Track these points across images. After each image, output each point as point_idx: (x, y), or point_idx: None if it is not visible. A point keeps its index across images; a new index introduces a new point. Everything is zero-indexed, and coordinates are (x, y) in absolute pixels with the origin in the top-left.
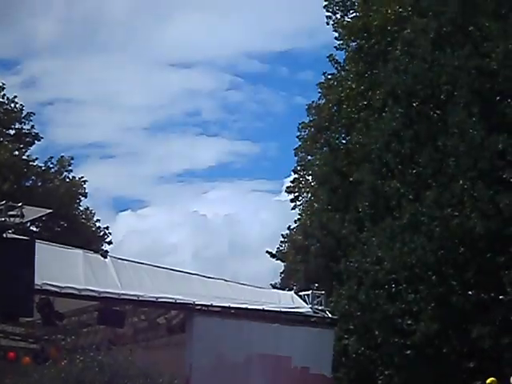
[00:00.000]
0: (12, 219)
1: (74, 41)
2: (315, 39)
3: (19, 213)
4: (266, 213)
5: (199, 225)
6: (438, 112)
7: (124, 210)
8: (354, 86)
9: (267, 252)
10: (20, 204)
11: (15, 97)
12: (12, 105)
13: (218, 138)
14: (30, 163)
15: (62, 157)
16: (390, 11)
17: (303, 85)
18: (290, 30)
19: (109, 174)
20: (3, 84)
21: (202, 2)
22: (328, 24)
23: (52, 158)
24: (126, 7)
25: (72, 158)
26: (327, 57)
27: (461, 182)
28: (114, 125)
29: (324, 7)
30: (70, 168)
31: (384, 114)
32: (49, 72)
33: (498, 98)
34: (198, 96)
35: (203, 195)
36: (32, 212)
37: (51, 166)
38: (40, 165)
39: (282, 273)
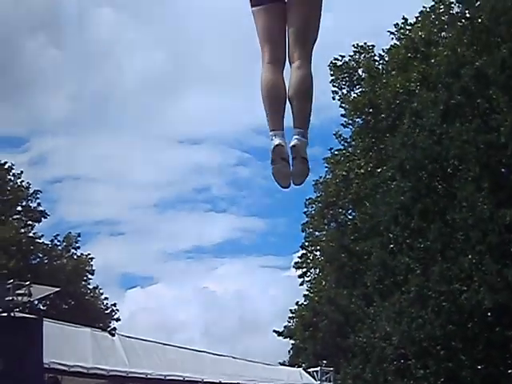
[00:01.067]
0: (20, 298)
1: (83, 118)
2: (323, 114)
3: (27, 291)
4: (275, 289)
5: (209, 301)
6: (446, 186)
7: (133, 287)
8: (362, 164)
9: (274, 331)
10: (28, 283)
11: (21, 172)
12: (19, 181)
13: (226, 214)
14: (37, 240)
15: (69, 233)
16: (397, 85)
17: (311, 160)
18: None
19: (118, 251)
20: (12, 164)
21: (210, 78)
22: (334, 99)
23: (58, 235)
24: (136, 83)
25: (79, 235)
26: (334, 134)
27: (469, 256)
28: (122, 202)
29: (330, 82)
30: (77, 245)
31: (392, 187)
32: (57, 149)
33: (506, 171)
34: (207, 172)
35: (212, 271)
36: (39, 290)
37: (58, 243)
38: (47, 242)
39: (290, 350)
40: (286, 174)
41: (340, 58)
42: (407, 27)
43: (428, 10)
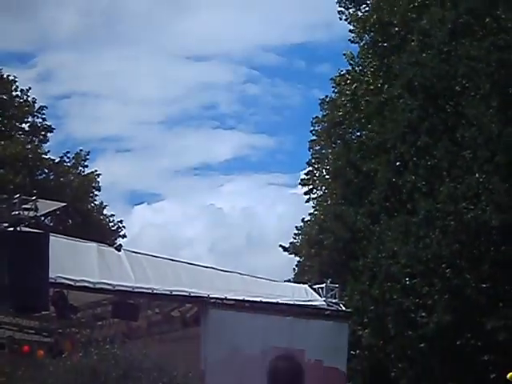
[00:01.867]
0: (26, 213)
1: (91, 33)
2: (332, 31)
3: (33, 206)
4: (282, 206)
5: (215, 218)
6: (454, 104)
7: (139, 204)
8: (370, 82)
9: (280, 246)
10: (34, 198)
11: (28, 89)
12: (25, 97)
13: (234, 131)
14: (43, 156)
15: (80, 151)
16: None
17: (320, 78)
18: (306, 22)
19: (124, 168)
20: (15, 77)
21: None
22: (341, 19)
23: (68, 152)
24: (146, 0)
25: (88, 153)
26: (343, 54)
27: (477, 175)
28: (129, 118)
29: (336, 2)
30: (85, 163)
31: (399, 105)
32: (65, 65)
33: None
34: (215, 89)
35: (219, 188)
36: (46, 205)
37: (67, 160)
38: (53, 158)
39: (295, 267)
40: None
41: None
42: None
43: None
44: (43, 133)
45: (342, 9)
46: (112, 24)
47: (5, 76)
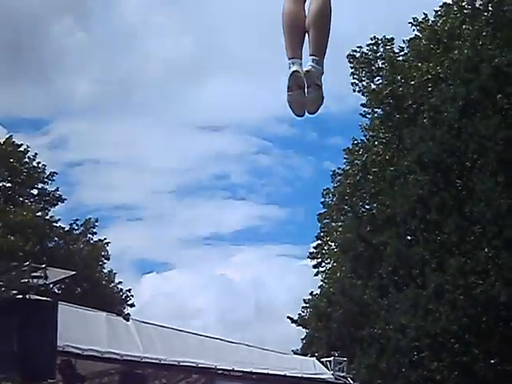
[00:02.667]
0: (35, 280)
1: (106, 102)
2: (344, 103)
3: (42, 274)
4: (292, 277)
5: (225, 288)
6: (464, 180)
7: (149, 273)
8: (380, 152)
9: (288, 318)
10: (44, 265)
11: (35, 155)
12: (34, 163)
13: (245, 201)
14: (54, 224)
15: (88, 219)
16: (419, 74)
17: (332, 149)
18: None
19: (135, 236)
20: (28, 147)
21: (233, 65)
22: (354, 91)
23: (77, 220)
24: (161, 68)
25: (97, 221)
26: (359, 125)
27: (486, 250)
28: (141, 187)
29: (350, 74)
30: (94, 230)
31: (410, 179)
32: (78, 132)
33: None
34: (227, 159)
35: (230, 258)
36: (55, 273)
37: (76, 227)
38: (63, 226)
39: (303, 339)
40: (301, 102)
41: (358, 50)
42: (429, 19)
43: (451, 2)
44: (54, 201)
45: (356, 81)
46: (127, 93)
47: (16, 143)
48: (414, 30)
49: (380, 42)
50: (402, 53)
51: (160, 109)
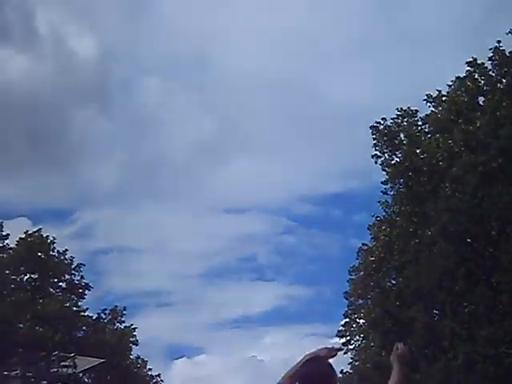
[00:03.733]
0: (65, 370)
1: (130, 187)
2: (367, 179)
3: (72, 363)
4: None
5: (257, 370)
6: (490, 248)
7: (179, 358)
8: (404, 225)
9: None
10: (72, 354)
11: (65, 251)
12: (62, 257)
13: (273, 282)
14: (81, 313)
15: (115, 307)
16: (440, 147)
17: (357, 226)
18: (342, 170)
19: (165, 322)
20: (54, 238)
21: (255, 145)
22: (376, 163)
23: (106, 309)
24: (184, 150)
25: (124, 309)
26: (378, 201)
27: None
28: (169, 272)
29: (373, 146)
30: (122, 319)
31: (435, 251)
32: (104, 220)
33: None
34: (253, 241)
35: (260, 340)
36: (85, 362)
37: (104, 316)
38: (91, 315)
39: None
40: None
41: (382, 122)
42: (443, 94)
43: (463, 76)
44: (81, 290)
45: (378, 153)
46: (151, 177)
47: (43, 235)
48: (429, 106)
49: (405, 113)
50: (420, 126)
51: (185, 192)
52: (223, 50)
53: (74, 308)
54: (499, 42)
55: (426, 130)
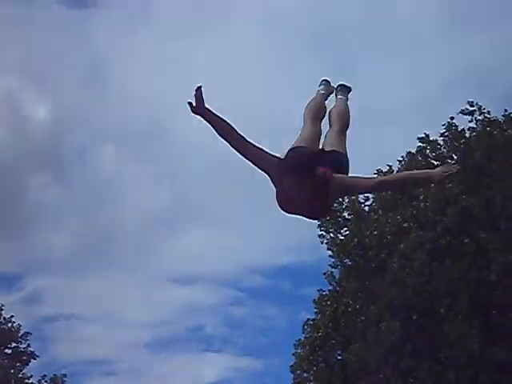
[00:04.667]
0: None
1: (81, 256)
2: (318, 252)
3: None
4: None
5: None
6: (436, 324)
7: None
8: (350, 302)
9: None
10: None
11: (12, 316)
12: (9, 324)
13: (221, 353)
14: (26, 381)
15: (54, 375)
16: (386, 225)
17: (306, 299)
18: (293, 244)
19: None
20: (2, 305)
21: (207, 218)
22: (322, 243)
23: (45, 375)
24: (136, 221)
25: (65, 376)
26: (323, 273)
27: None
28: (116, 341)
29: (317, 227)
30: None
31: (381, 327)
32: (52, 287)
33: (496, 310)
34: (201, 311)
35: None
36: None
37: (44, 383)
38: (35, 382)
39: None
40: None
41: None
42: (393, 170)
43: (414, 151)
44: (25, 357)
45: (323, 232)
46: (103, 246)
47: None
48: None
49: None
50: (367, 203)
51: (135, 262)
52: (176, 120)
53: (19, 375)
54: (452, 118)
55: (372, 207)
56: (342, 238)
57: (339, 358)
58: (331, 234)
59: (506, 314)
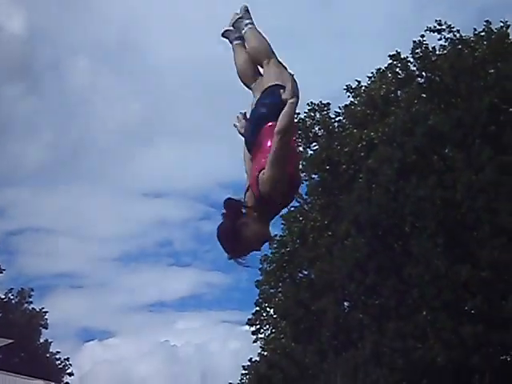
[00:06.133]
0: None
1: (52, 168)
2: None
3: None
4: (235, 343)
5: (169, 355)
6: (402, 242)
7: (90, 340)
8: (318, 218)
9: None
10: None
11: None
12: None
13: (190, 268)
14: None
15: (22, 289)
16: (356, 141)
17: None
18: None
19: (77, 305)
20: None
21: (179, 131)
22: None
23: (12, 289)
24: (108, 134)
25: (32, 290)
26: None
27: (424, 312)
28: (84, 255)
29: None
30: (30, 300)
31: (347, 243)
32: (21, 200)
33: (461, 228)
34: (171, 226)
35: (173, 325)
36: None
37: (11, 297)
38: (1, 296)
39: None
40: None
41: (295, 116)
42: (363, 85)
43: (384, 68)
44: None
45: None
46: (75, 159)
47: None
48: (348, 96)
49: (316, 107)
50: (337, 119)
51: (106, 175)
52: (147, 36)
53: None
54: (423, 36)
55: (343, 123)
56: (311, 152)
57: (305, 273)
58: (300, 149)
59: (471, 232)
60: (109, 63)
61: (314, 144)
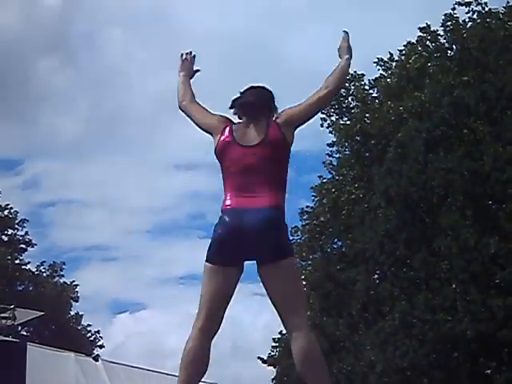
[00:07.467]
0: (3, 321)
1: (85, 141)
2: (311, 141)
3: (11, 315)
4: (267, 316)
5: None
6: (431, 214)
7: (122, 313)
8: (352, 191)
9: (259, 358)
10: (12, 306)
11: (6, 206)
12: (6, 212)
13: None
14: (23, 267)
15: (54, 262)
16: (389, 113)
17: (306, 187)
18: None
19: (109, 277)
20: None
21: (214, 102)
22: (322, 126)
23: (44, 262)
24: (144, 106)
25: (64, 263)
26: (323, 162)
27: (453, 285)
28: (116, 227)
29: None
30: (61, 273)
31: (379, 215)
32: (53, 172)
33: (490, 201)
34: (202, 199)
35: None
36: (24, 314)
37: (43, 270)
38: (32, 269)
39: (273, 378)
40: None
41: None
42: (394, 58)
43: (415, 41)
44: (23, 246)
45: (325, 116)
46: (108, 131)
47: None
48: (378, 69)
49: (351, 77)
50: (372, 90)
51: (141, 148)
52: (181, 7)
53: (16, 261)
54: (454, 9)
55: (375, 95)
56: (344, 123)
57: (336, 246)
58: (332, 118)
59: (499, 205)
60: (143, 34)
61: (347, 115)
